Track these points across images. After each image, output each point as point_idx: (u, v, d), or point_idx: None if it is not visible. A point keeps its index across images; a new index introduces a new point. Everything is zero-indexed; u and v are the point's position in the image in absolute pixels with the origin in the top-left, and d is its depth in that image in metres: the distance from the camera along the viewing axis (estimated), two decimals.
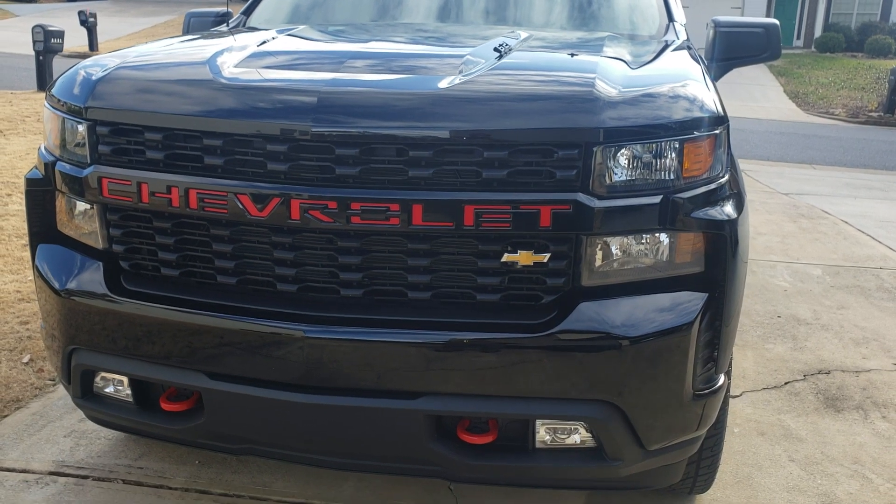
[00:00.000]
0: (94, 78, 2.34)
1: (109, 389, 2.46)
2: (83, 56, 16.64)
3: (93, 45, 21.12)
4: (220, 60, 2.36)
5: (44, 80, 13.53)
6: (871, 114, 18.47)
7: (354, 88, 2.16)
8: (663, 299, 2.17)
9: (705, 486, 2.78)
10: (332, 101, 2.09)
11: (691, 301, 2.18)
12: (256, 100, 2.16)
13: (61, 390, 3.48)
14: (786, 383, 3.92)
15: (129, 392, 2.42)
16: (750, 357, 4.20)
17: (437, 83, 2.16)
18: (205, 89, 2.23)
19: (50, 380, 3.58)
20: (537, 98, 2.12)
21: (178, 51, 2.70)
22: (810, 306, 5.08)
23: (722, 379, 2.35)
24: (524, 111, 2.06)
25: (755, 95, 20.83)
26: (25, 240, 5.37)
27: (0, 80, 14.71)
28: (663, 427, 2.26)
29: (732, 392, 3.46)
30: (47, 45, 13.59)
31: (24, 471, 2.92)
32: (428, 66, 2.42)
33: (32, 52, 13.94)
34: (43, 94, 12.54)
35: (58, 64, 13.51)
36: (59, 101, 2.39)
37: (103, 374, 2.43)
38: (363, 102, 2.10)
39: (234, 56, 2.43)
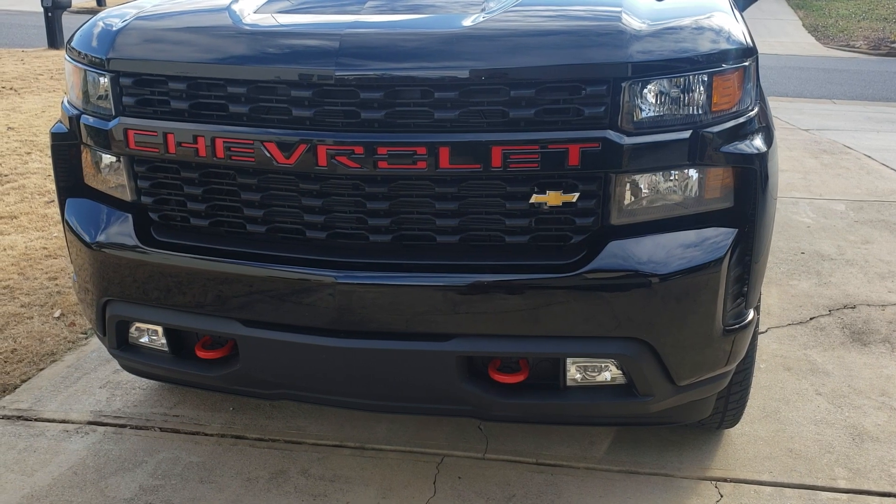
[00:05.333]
0: (114, 29, 2.32)
1: (144, 339, 2.50)
2: (92, 12, 16.49)
3: (101, 1, 20.91)
4: (238, 7, 2.33)
5: (54, 36, 13.44)
6: (893, 45, 18.06)
7: (377, 30, 2.13)
8: (693, 236, 2.16)
9: (734, 420, 2.81)
10: (354, 43, 2.07)
11: (721, 237, 2.17)
12: (278, 45, 2.14)
13: (94, 343, 3.54)
14: (811, 318, 3.92)
15: (163, 341, 2.46)
16: (774, 293, 4.19)
17: (461, 22, 2.12)
18: (225, 36, 2.21)
19: (82, 333, 3.64)
20: (563, 34, 2.09)
21: None
22: (834, 242, 5.05)
23: (751, 314, 2.36)
24: (550, 48, 2.03)
25: (773, 30, 20.38)
26: (48, 197, 5.42)
27: (10, 39, 14.64)
28: (693, 362, 2.27)
29: (758, 329, 3.46)
30: (56, 0, 13.45)
31: (63, 421, 2.99)
32: (450, 5, 2.38)
33: (41, 9, 13.82)
34: (54, 52, 12.50)
35: (67, 20, 13.42)
36: (79, 53, 2.38)
37: (138, 324, 2.46)
38: (386, 44, 2.08)
39: (252, 2, 2.40)
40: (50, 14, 13.51)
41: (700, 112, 2.09)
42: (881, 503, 2.59)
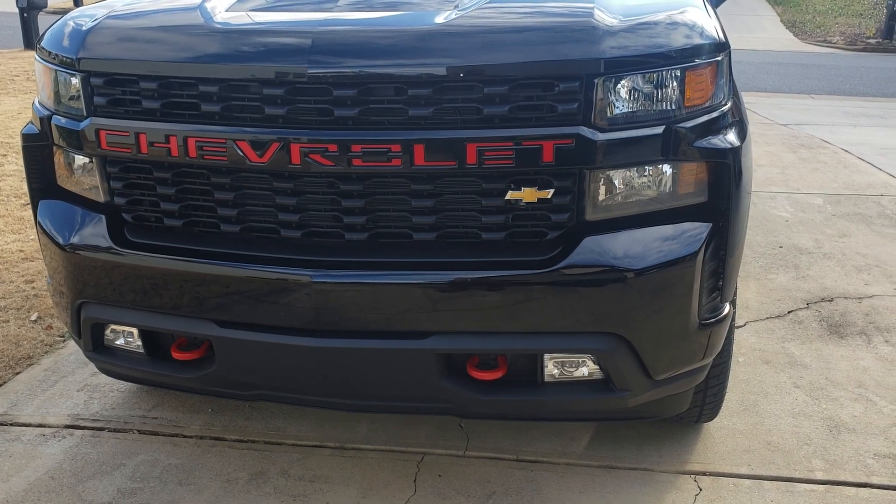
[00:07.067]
0: (84, 28, 2.30)
1: (120, 342, 2.48)
2: (68, 12, 16.29)
3: (78, 1, 20.71)
4: (209, 5, 2.32)
5: (30, 37, 13.28)
6: (868, 41, 18.24)
7: (349, 27, 2.13)
8: (667, 230, 2.17)
9: (712, 414, 2.82)
10: (326, 41, 2.06)
11: (695, 231, 2.18)
12: (250, 44, 2.13)
13: (71, 346, 3.50)
14: (789, 312, 3.95)
15: (139, 343, 2.44)
16: (753, 287, 4.22)
17: (433, 18, 2.12)
18: (197, 35, 2.20)
19: (59, 336, 3.61)
20: (536, 30, 2.08)
21: None
22: (812, 235, 5.09)
23: (727, 308, 2.37)
24: (523, 44, 2.03)
25: (751, 26, 20.52)
26: (24, 200, 5.36)
27: None
28: (670, 357, 2.28)
29: (736, 323, 3.48)
30: (31, 1, 13.30)
31: (40, 425, 2.96)
32: (423, 2, 2.37)
33: (16, 10, 13.66)
34: (30, 53, 12.36)
35: (43, 21, 13.26)
36: (49, 53, 2.35)
37: (113, 326, 2.44)
38: (358, 41, 2.07)
39: (224, 0, 2.39)
40: (25, 15, 13.36)
41: (673, 107, 2.10)
42: (857, 493, 2.61)
